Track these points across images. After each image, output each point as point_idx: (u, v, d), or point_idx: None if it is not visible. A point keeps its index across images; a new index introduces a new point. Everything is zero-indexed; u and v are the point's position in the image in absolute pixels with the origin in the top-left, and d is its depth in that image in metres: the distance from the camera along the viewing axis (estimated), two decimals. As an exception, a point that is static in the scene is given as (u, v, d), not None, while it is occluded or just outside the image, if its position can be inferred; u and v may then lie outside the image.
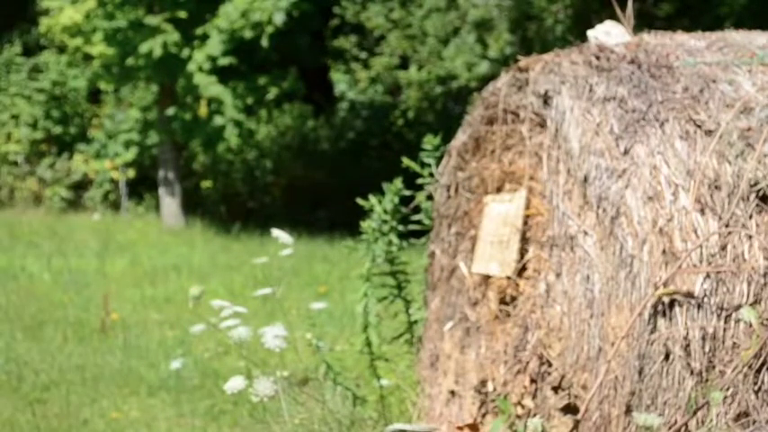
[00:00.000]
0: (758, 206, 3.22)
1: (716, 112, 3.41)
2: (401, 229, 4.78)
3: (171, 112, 14.61)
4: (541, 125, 3.82)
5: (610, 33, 4.03)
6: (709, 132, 3.36)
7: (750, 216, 3.21)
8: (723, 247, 3.17)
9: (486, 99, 4.20)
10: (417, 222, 4.81)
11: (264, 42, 13.96)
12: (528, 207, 3.91)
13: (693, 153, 3.33)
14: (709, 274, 3.13)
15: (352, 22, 16.24)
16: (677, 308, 3.13)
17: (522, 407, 3.73)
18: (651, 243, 3.20)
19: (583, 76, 3.67)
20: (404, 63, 16.17)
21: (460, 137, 4.38)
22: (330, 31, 17.05)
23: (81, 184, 17.52)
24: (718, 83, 3.54)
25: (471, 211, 4.33)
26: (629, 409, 3.17)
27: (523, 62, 4.02)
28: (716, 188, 3.25)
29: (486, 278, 4.15)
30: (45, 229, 14.36)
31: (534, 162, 3.88)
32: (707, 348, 3.11)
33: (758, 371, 3.09)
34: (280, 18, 13.76)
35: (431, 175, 4.73)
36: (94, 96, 18.23)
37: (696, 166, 3.29)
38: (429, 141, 4.81)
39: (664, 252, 3.18)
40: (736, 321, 3.11)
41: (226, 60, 13.94)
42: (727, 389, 3.06)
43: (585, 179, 3.46)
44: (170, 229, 14.82)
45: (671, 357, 3.12)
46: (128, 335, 7.60)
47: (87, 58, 15.87)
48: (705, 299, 3.13)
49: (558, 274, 3.66)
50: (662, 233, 3.20)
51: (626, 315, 3.22)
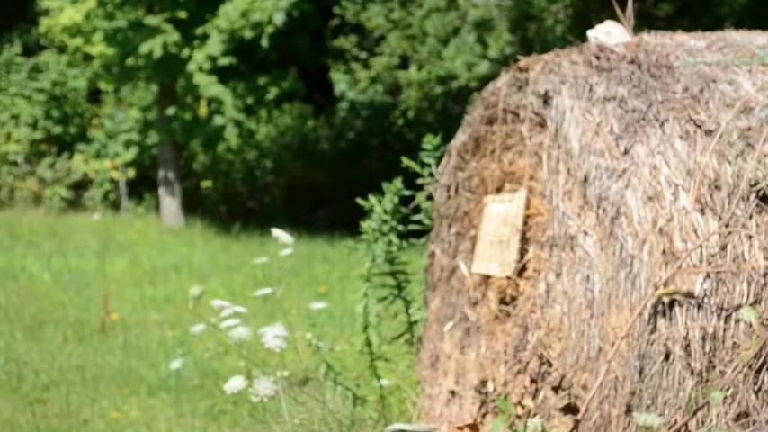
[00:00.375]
0: (758, 206, 3.22)
1: (716, 112, 3.41)
2: (401, 229, 4.78)
3: (171, 112, 14.61)
4: (541, 125, 3.82)
5: (610, 33, 4.03)
6: (709, 132, 3.35)
7: (750, 216, 3.21)
8: (723, 247, 3.17)
9: (486, 99, 4.20)
10: (417, 222, 4.81)
11: (264, 42, 13.95)
12: (528, 207, 3.91)
13: (693, 153, 3.33)
14: (709, 274, 3.13)
15: (352, 22, 16.23)
16: (677, 308, 3.13)
17: (522, 407, 3.72)
18: (651, 243, 3.20)
19: (583, 76, 3.67)
20: (404, 63, 16.17)
21: (460, 137, 4.38)
22: (330, 31, 17.04)
23: (81, 184, 17.52)
24: (718, 83, 3.54)
25: (471, 211, 4.33)
26: (629, 409, 3.17)
27: (523, 62, 4.02)
28: (716, 188, 3.25)
29: (486, 278, 4.14)
30: (45, 229, 14.36)
31: (534, 162, 3.87)
32: (707, 348, 3.10)
33: (758, 371, 3.09)
34: (280, 18, 13.75)
35: (431, 175, 4.73)
36: (94, 96, 18.22)
37: (696, 166, 3.29)
38: (429, 141, 4.81)
39: (664, 252, 3.18)
40: (736, 321, 3.11)
41: (226, 60, 13.94)
42: (727, 389, 3.06)
43: (585, 179, 3.46)
44: (170, 229, 14.82)
45: (671, 357, 3.11)
46: (128, 335, 7.60)
47: (87, 58, 15.87)
48: (705, 299, 3.12)
49: (558, 274, 3.65)
50: (662, 233, 3.20)
51: (626, 315, 3.22)
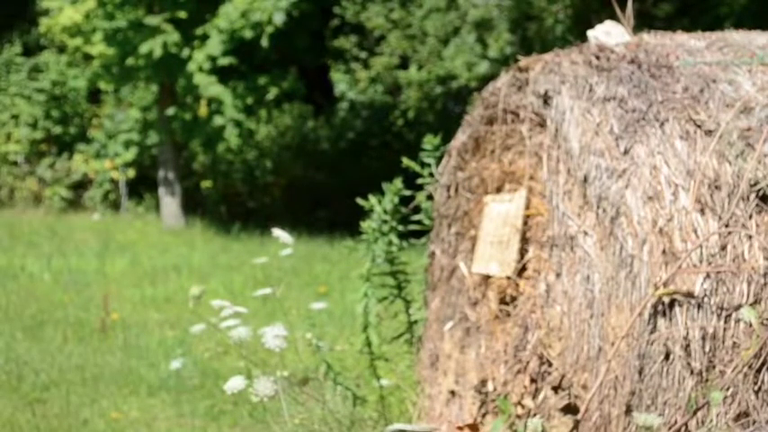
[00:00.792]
0: (758, 206, 3.22)
1: (716, 112, 3.41)
2: (401, 229, 4.78)
3: (171, 112, 14.61)
4: (541, 125, 3.82)
5: (610, 33, 4.03)
6: (709, 132, 3.35)
7: (750, 216, 3.21)
8: (723, 247, 3.17)
9: (486, 99, 4.20)
10: (417, 222, 4.81)
11: (264, 42, 13.96)
12: (528, 207, 3.91)
13: (693, 153, 3.33)
14: (709, 274, 3.13)
15: (352, 22, 16.23)
16: (677, 308, 3.13)
17: (522, 407, 3.72)
18: (651, 243, 3.20)
19: (583, 76, 3.67)
20: (404, 63, 16.16)
21: (460, 137, 4.38)
22: (330, 31, 17.04)
23: (81, 184, 17.53)
24: (718, 83, 3.54)
25: (471, 211, 4.33)
26: (629, 409, 3.17)
27: (523, 62, 4.02)
28: (716, 188, 3.25)
29: (486, 278, 4.14)
30: (45, 229, 14.36)
31: (534, 162, 3.87)
32: (707, 348, 3.10)
33: (758, 371, 3.09)
34: (280, 18, 13.76)
35: (431, 175, 4.73)
36: (94, 96, 18.23)
37: (696, 166, 3.29)
38: (429, 141, 4.81)
39: (664, 252, 3.18)
40: (736, 321, 3.11)
41: (226, 60, 13.94)
42: (727, 389, 3.06)
43: (585, 179, 3.46)
44: (170, 229, 14.82)
45: (671, 357, 3.11)
46: (128, 335, 7.60)
47: (87, 58, 15.88)
48: (705, 299, 3.12)
49: (558, 274, 3.65)
50: (662, 233, 3.20)
51: (626, 315, 3.22)
